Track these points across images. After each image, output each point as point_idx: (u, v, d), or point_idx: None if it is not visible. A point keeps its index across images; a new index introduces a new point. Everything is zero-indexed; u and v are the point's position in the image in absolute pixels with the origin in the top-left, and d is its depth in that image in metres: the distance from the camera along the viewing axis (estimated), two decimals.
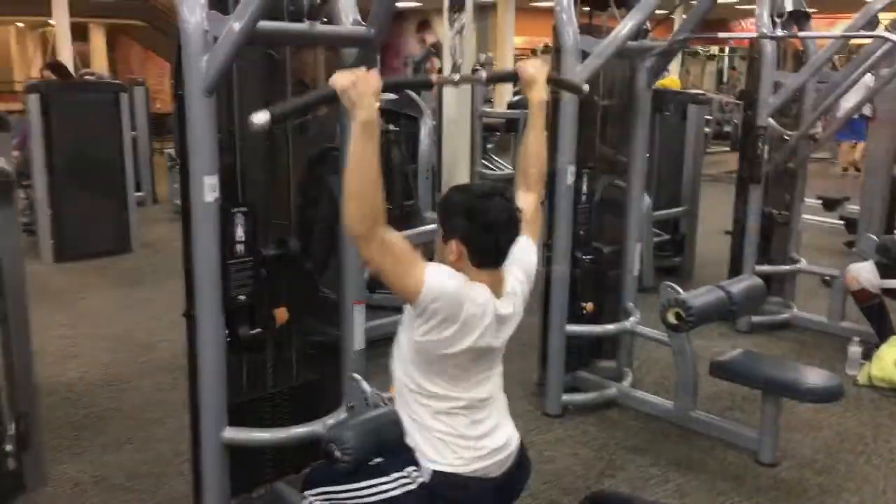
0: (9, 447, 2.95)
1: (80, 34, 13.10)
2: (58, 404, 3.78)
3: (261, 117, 1.83)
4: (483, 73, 2.30)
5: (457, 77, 2.32)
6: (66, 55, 10.04)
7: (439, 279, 1.85)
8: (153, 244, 6.72)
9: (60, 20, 9.98)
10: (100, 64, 13.29)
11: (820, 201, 7.61)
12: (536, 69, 2.24)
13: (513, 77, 2.31)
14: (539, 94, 2.25)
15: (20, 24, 14.98)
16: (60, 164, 6.40)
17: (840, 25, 4.42)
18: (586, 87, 2.64)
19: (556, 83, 3.30)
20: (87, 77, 9.95)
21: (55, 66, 6.69)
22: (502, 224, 1.90)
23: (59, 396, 3.88)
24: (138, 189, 7.87)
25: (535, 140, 2.27)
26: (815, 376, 3.26)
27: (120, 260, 6.50)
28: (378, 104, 1.84)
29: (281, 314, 2.67)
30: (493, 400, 2.04)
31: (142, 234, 6.88)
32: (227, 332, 2.47)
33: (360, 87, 1.80)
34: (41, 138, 6.26)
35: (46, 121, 6.28)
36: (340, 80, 1.81)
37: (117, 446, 3.40)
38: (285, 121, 2.47)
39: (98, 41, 13.69)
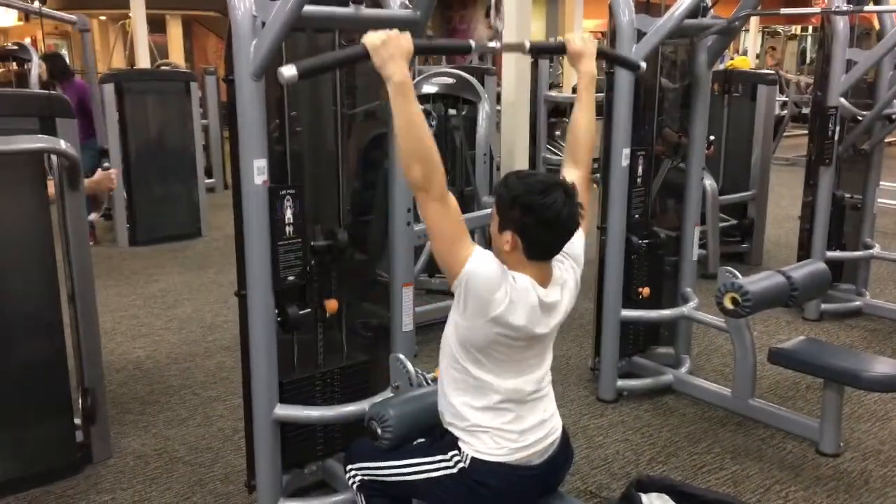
0: (76, 420, 3.11)
1: (158, 26, 13.48)
2: (126, 380, 3.95)
3: (289, 71, 1.78)
4: (527, 43, 2.21)
5: (498, 44, 2.26)
6: (142, 46, 10.36)
7: (480, 264, 1.83)
8: (222, 228, 6.91)
9: (137, 12, 10.29)
10: (176, 54, 13.63)
11: None
12: (584, 42, 2.18)
13: (560, 48, 2.23)
14: (588, 67, 2.19)
15: (102, 18, 15.51)
16: (134, 151, 6.66)
17: None
18: (643, 65, 2.53)
19: (609, 58, 3.16)
20: (162, 67, 10.30)
21: (49, 57, 6.58)
22: (561, 221, 1.85)
23: (127, 373, 4.05)
24: (209, 175, 8.14)
25: (583, 115, 2.21)
26: (878, 365, 3.14)
27: (190, 244, 6.72)
28: (408, 66, 1.79)
29: (331, 305, 2.75)
30: (540, 393, 2.00)
31: (211, 219, 7.09)
32: (276, 311, 2.54)
33: (391, 47, 1.78)
34: (116, 126, 6.49)
35: (121, 109, 6.51)
36: (371, 38, 1.78)
37: (180, 421, 3.53)
38: (313, 76, 2.29)
39: (175, 32, 14.04)
